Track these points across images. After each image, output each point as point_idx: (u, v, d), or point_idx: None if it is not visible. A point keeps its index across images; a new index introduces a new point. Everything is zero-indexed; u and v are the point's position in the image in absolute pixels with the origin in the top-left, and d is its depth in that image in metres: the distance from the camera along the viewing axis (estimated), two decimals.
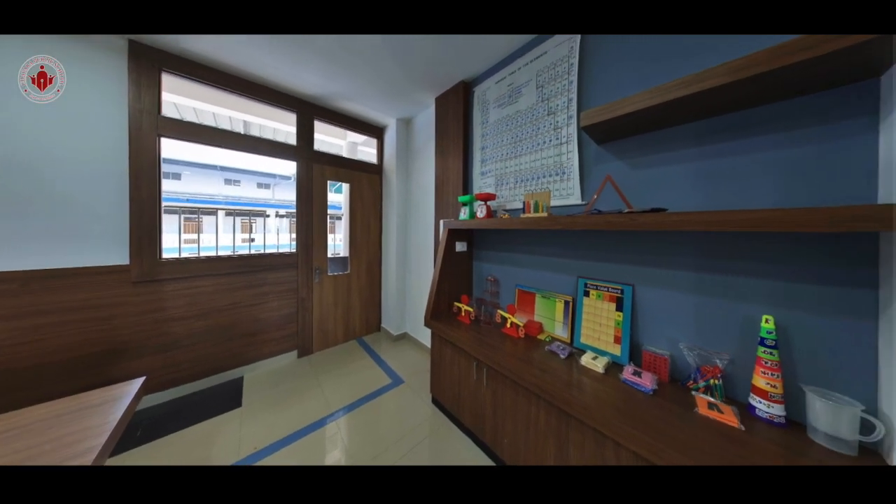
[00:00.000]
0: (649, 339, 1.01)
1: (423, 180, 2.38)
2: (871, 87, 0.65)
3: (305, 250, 2.25)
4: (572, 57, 1.25)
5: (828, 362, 0.69)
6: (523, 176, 1.49)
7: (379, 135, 2.75)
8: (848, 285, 0.67)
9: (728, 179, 0.85)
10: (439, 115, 2.04)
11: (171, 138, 1.68)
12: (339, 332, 2.54)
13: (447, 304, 1.69)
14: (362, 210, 2.65)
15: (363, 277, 2.69)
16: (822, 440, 0.64)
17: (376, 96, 2.10)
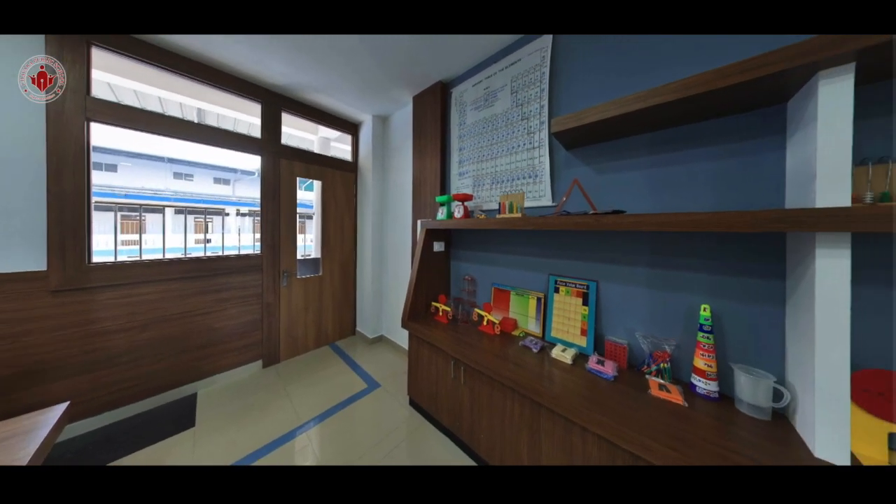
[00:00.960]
0: (611, 330, 1.10)
1: (400, 179, 2.35)
2: (780, 110, 0.78)
3: (272, 252, 2.10)
4: (544, 66, 1.32)
5: (750, 343, 0.82)
6: (499, 177, 1.55)
7: (354, 131, 2.67)
8: (764, 277, 0.80)
9: (675, 185, 0.96)
10: (417, 114, 2.04)
11: (103, 123, 1.47)
12: (310, 337, 2.40)
13: (425, 304, 1.69)
14: (336, 209, 2.54)
15: (336, 279, 2.58)
16: (746, 409, 0.76)
17: (351, 91, 2.03)
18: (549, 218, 1.02)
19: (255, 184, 13.70)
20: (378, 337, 2.62)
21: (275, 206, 2.10)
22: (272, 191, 2.09)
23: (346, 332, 2.71)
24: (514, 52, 1.45)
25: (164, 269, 1.64)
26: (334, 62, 1.67)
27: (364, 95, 2.10)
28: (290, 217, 2.20)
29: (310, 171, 2.35)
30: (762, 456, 0.63)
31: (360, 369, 2.13)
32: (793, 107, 0.75)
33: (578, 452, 0.85)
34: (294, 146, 2.31)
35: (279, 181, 2.13)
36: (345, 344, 2.58)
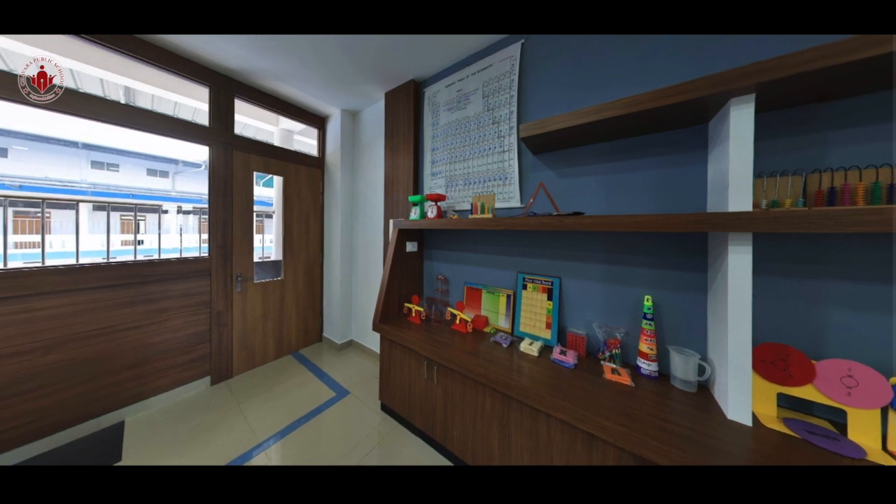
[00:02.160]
0: (572, 322, 1.20)
1: (371, 177, 2.30)
2: (703, 129, 0.93)
3: (222, 254, 1.90)
4: (513, 73, 1.40)
5: (682, 327, 0.96)
6: (471, 178, 1.60)
7: (320, 125, 2.54)
8: (691, 270, 0.94)
9: (624, 190, 1.08)
10: (389, 111, 2.01)
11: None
12: (270, 347, 2.21)
13: (397, 305, 1.67)
14: (299, 207, 2.39)
15: (300, 283, 2.41)
16: (678, 384, 0.89)
17: (317, 82, 1.92)
18: (518, 218, 1.09)
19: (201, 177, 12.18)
20: (347, 342, 2.50)
21: (226, 203, 1.91)
22: (223, 186, 1.89)
23: (311, 339, 2.54)
24: (485, 57, 1.52)
25: (78, 277, 1.38)
26: (299, 49, 1.58)
27: (332, 88, 2.00)
28: (245, 215, 2.01)
29: (269, 165, 2.17)
30: (689, 422, 0.74)
31: (327, 377, 2.02)
32: (712, 127, 0.90)
33: (544, 438, 0.91)
34: (250, 137, 2.11)
35: (232, 175, 1.93)
36: (310, 352, 2.42)
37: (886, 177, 0.69)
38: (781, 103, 0.78)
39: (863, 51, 0.59)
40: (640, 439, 0.70)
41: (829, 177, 0.74)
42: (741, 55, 0.85)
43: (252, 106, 2.13)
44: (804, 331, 0.77)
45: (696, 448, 0.66)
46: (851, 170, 0.72)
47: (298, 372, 2.09)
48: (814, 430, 0.69)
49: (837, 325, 0.74)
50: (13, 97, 1.25)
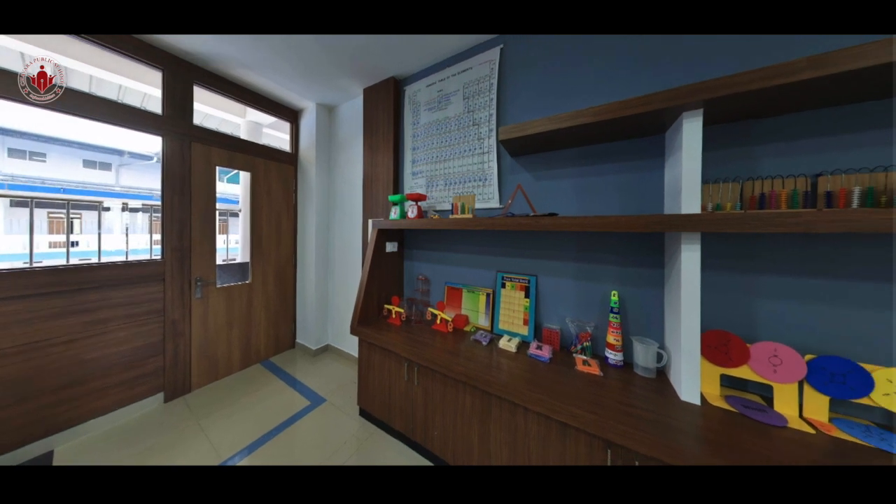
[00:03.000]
0: (547, 318, 1.27)
1: (349, 175, 2.24)
2: (661, 139, 1.04)
3: (179, 256, 1.74)
4: (492, 77, 1.45)
5: (643, 319, 1.06)
6: (452, 179, 1.62)
7: (293, 118, 2.43)
8: (651, 267, 1.04)
9: (594, 193, 1.17)
10: (368, 108, 1.98)
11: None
12: (236, 357, 2.07)
13: (377, 307, 1.64)
14: (270, 205, 2.26)
15: (271, 286, 2.29)
16: (640, 371, 0.98)
17: (289, 73, 1.84)
18: (497, 219, 1.13)
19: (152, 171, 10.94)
20: (323, 347, 2.41)
21: (184, 201, 1.76)
22: (180, 181, 1.74)
23: (283, 345, 2.41)
24: (465, 59, 1.55)
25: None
26: (269, 37, 1.50)
27: (306, 80, 1.93)
28: (206, 214, 1.86)
29: (234, 159, 2.04)
30: (649, 406, 0.82)
31: (301, 385, 1.93)
32: (668, 137, 1.00)
33: (521, 430, 0.95)
34: (212, 129, 1.96)
35: (190, 170, 1.78)
36: (282, 360, 2.30)
37: (803, 185, 0.81)
38: (724, 118, 0.89)
39: (786, 76, 0.70)
40: (607, 424, 0.76)
41: (759, 184, 0.86)
42: (693, 74, 0.96)
43: (215, 95, 1.97)
44: (741, 318, 0.89)
45: (655, 428, 0.73)
46: (777, 178, 0.85)
47: (269, 381, 1.97)
48: (748, 405, 0.79)
49: (766, 312, 0.87)
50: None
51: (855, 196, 0.74)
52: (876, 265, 0.76)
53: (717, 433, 0.71)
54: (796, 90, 0.73)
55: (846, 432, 0.69)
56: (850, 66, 0.64)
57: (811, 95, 0.75)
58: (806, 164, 0.83)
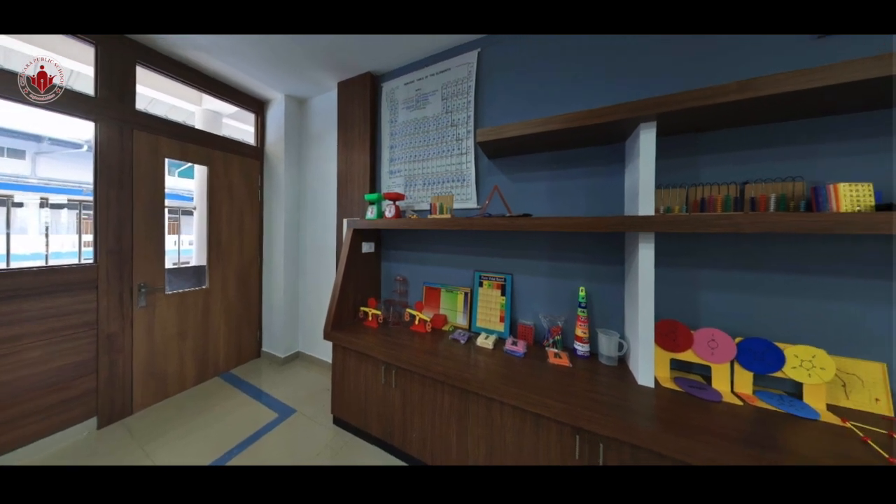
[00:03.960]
0: (522, 314, 1.35)
1: (322, 172, 2.17)
2: (622, 147, 1.15)
3: (117, 260, 1.55)
4: (470, 80, 1.50)
5: (606, 312, 1.17)
6: (431, 179, 1.64)
7: (259, 109, 2.30)
8: (613, 264, 1.16)
9: (564, 195, 1.27)
10: (343, 103, 1.94)
11: None
12: (189, 371, 1.91)
13: (352, 310, 1.61)
14: (231, 203, 2.12)
15: (232, 291, 2.14)
16: (604, 360, 1.08)
17: (255, 60, 1.74)
18: (475, 219, 1.18)
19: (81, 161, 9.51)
20: (293, 355, 2.30)
21: (123, 196, 1.57)
22: (117, 173, 1.55)
23: (246, 355, 2.26)
24: (443, 60, 1.59)
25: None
26: None
27: (274, 69, 1.83)
28: (152, 211, 1.70)
29: (188, 151, 1.88)
30: (611, 391, 0.90)
31: (267, 397, 1.83)
32: (628, 145, 1.11)
33: (498, 425, 1.00)
34: (160, 116, 1.78)
35: (131, 161, 1.61)
36: (246, 371, 2.15)
37: (734, 191, 0.96)
38: (673, 130, 1.02)
39: (720, 97, 0.82)
40: (576, 412, 0.83)
41: (701, 190, 1.00)
42: (649, 89, 1.08)
43: (162, 77, 1.79)
44: (686, 308, 1.03)
45: (616, 412, 0.81)
46: (714, 185, 0.98)
47: (230, 395, 1.84)
48: (692, 384, 0.92)
49: (706, 302, 1.01)
50: None
51: (772, 201, 0.89)
52: (788, 260, 0.92)
53: (668, 412, 0.81)
54: (727, 109, 0.86)
55: (765, 401, 0.83)
56: (770, 91, 0.77)
57: (740, 114, 0.89)
58: (736, 173, 0.98)
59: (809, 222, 0.72)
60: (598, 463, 0.82)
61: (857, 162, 0.85)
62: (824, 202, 0.79)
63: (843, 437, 0.71)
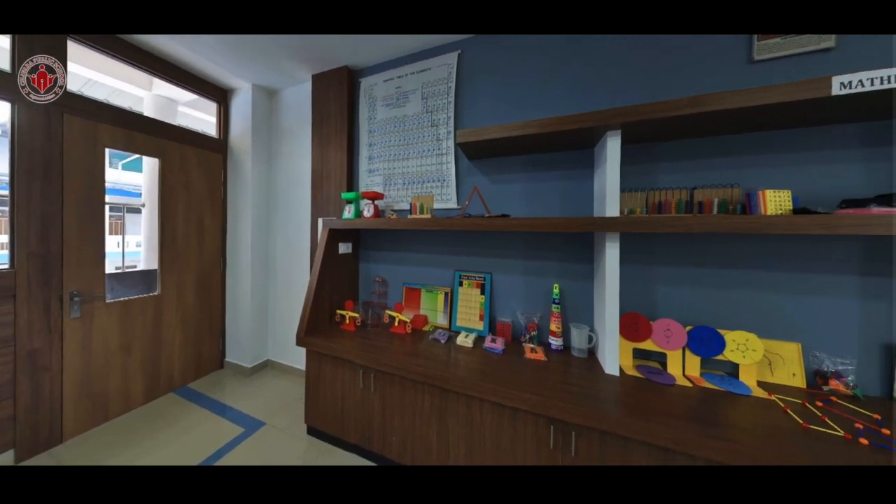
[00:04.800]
0: (500, 312, 1.42)
1: (295, 169, 2.10)
2: (592, 152, 1.25)
3: (41, 264, 1.36)
4: (450, 81, 1.54)
5: (578, 307, 1.27)
6: (411, 178, 1.65)
7: (221, 98, 2.16)
8: (584, 262, 1.26)
9: (540, 197, 1.35)
10: (318, 96, 1.89)
11: None
12: (137, 388, 1.75)
13: (328, 313, 1.58)
14: (189, 200, 1.97)
15: (190, 297, 2.00)
16: (576, 353, 1.18)
17: (216, 45, 1.64)
18: (455, 219, 1.21)
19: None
20: (262, 364, 2.19)
21: (50, 190, 1.38)
22: (42, 164, 1.36)
23: (207, 367, 2.11)
24: (423, 59, 1.61)
25: None
26: None
27: (240, 55, 1.73)
28: (88, 208, 1.52)
29: (134, 141, 1.72)
30: (582, 382, 0.98)
31: (232, 411, 1.72)
32: (597, 151, 1.21)
33: (477, 422, 1.04)
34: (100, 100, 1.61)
35: (61, 150, 1.42)
36: (206, 384, 2.01)
37: (685, 196, 1.08)
38: (636, 139, 1.13)
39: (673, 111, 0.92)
40: (550, 403, 0.89)
41: (659, 194, 1.12)
42: (616, 100, 1.19)
43: (103, 55, 1.60)
44: (647, 301, 1.15)
45: (586, 401, 0.89)
46: (669, 189, 1.11)
47: (187, 412, 1.71)
48: (651, 370, 1.03)
49: (662, 295, 1.14)
50: None
51: (715, 205, 1.02)
52: (728, 257, 1.06)
53: (631, 397, 0.90)
54: (680, 122, 0.97)
55: (710, 382, 0.96)
56: (715, 107, 0.89)
57: (691, 127, 1.01)
58: (687, 179, 1.11)
59: (744, 224, 0.84)
60: (571, 451, 0.89)
61: (780, 172, 1.01)
62: (755, 206, 0.92)
63: (769, 409, 0.84)
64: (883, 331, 0.91)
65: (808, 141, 0.98)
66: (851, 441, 0.70)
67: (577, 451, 0.89)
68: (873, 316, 0.92)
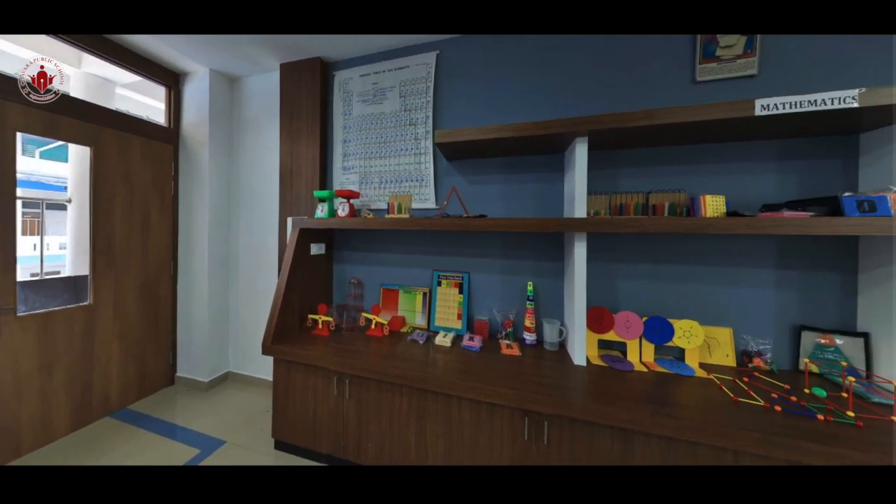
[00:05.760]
0: (478, 310, 1.49)
1: (260, 164, 2.00)
2: (562, 156, 1.35)
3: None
4: (429, 80, 1.56)
5: (551, 303, 1.38)
6: (388, 177, 1.65)
7: (173, 82, 1.99)
8: (556, 260, 1.37)
9: (515, 198, 1.43)
10: (287, 87, 1.81)
11: None
12: (61, 415, 1.55)
13: (298, 318, 1.52)
14: (130, 196, 1.80)
15: (131, 307, 1.82)
16: (548, 346, 1.28)
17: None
18: (433, 219, 1.25)
19: None
20: (221, 377, 2.05)
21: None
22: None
23: (153, 385, 1.94)
24: (401, 57, 1.63)
25: None
26: None
27: (196, 39, 1.59)
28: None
29: (58, 126, 1.52)
30: (554, 374, 1.07)
31: (185, 432, 1.60)
32: (567, 156, 1.32)
33: (456, 420, 1.08)
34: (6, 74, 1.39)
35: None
36: (152, 404, 1.85)
37: (642, 199, 1.22)
38: (601, 146, 1.24)
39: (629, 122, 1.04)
40: (524, 396, 0.96)
41: (620, 197, 1.24)
42: (585, 109, 1.31)
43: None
44: (610, 295, 1.28)
45: (557, 391, 0.97)
46: (628, 193, 1.24)
47: (128, 438, 1.56)
48: (613, 359, 1.15)
49: (623, 289, 1.28)
50: None
51: (666, 208, 1.16)
52: (677, 254, 1.22)
53: (596, 385, 1.00)
54: (638, 132, 1.09)
55: (661, 366, 1.10)
56: (664, 120, 1.01)
57: (646, 137, 1.14)
58: (644, 184, 1.26)
59: (689, 224, 0.98)
60: (544, 440, 0.96)
61: (717, 179, 1.19)
62: (697, 209, 1.07)
63: (708, 387, 0.99)
64: (792, 315, 1.12)
65: (738, 153, 1.17)
66: (769, 409, 0.85)
67: (549, 439, 0.96)
68: (785, 303, 1.12)
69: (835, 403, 0.85)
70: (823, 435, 0.75)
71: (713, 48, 1.18)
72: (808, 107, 0.90)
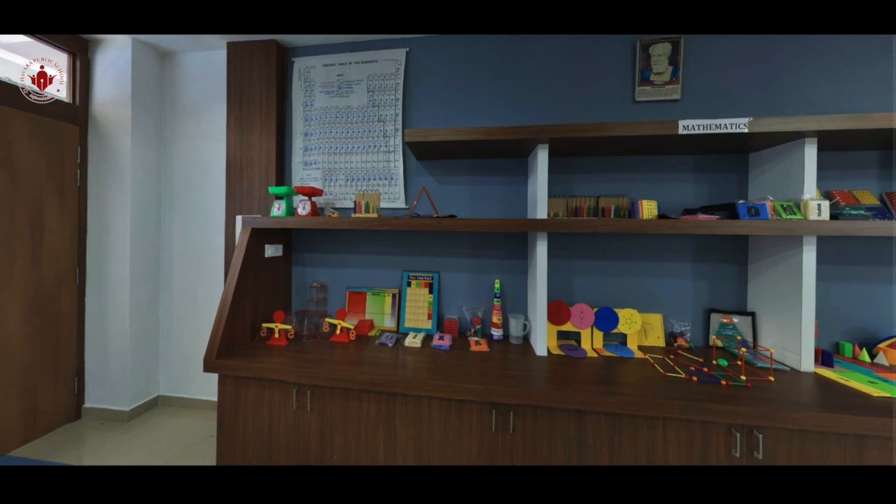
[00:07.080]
0: (448, 310, 1.57)
1: (201, 155, 1.83)
2: (526, 161, 1.47)
3: None
4: (398, 77, 1.57)
5: (516, 299, 1.52)
6: (355, 175, 1.62)
7: (79, 49, 1.70)
8: (520, 258, 1.51)
9: (483, 199, 1.55)
10: (236, 70, 1.69)
11: None
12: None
13: (250, 328, 1.42)
14: (11, 187, 1.53)
15: (13, 327, 1.54)
16: (514, 340, 1.41)
17: None
18: (403, 219, 1.28)
19: None
20: (149, 402, 1.82)
21: None
22: None
23: (49, 422, 1.67)
24: (368, 50, 1.61)
25: None
26: None
27: None
28: None
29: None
30: (519, 365, 1.18)
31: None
32: (530, 161, 1.45)
33: (426, 419, 1.12)
34: None
35: None
36: (48, 445, 1.59)
37: (593, 203, 1.39)
38: (560, 153, 1.40)
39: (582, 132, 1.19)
40: (492, 389, 1.04)
41: (575, 200, 1.41)
42: (545, 118, 1.46)
43: None
44: (567, 290, 1.47)
45: (521, 382, 1.06)
46: (582, 197, 1.41)
47: None
48: (570, 348, 1.32)
49: (577, 284, 1.47)
50: None
51: (612, 211, 1.34)
52: (621, 251, 1.43)
53: (556, 372, 1.13)
54: (590, 142, 1.25)
55: (609, 351, 1.30)
56: (610, 133, 1.18)
57: (596, 146, 1.31)
58: (595, 189, 1.45)
59: (630, 225, 1.16)
60: (510, 429, 1.04)
61: (651, 186, 1.43)
62: (637, 212, 1.26)
63: (644, 366, 1.18)
64: (704, 300, 1.41)
65: (666, 165, 1.42)
66: (689, 380, 1.05)
67: (514, 428, 1.05)
68: (699, 290, 1.41)
69: (732, 370, 1.09)
70: (724, 397, 0.96)
71: (648, 73, 1.41)
72: (714, 129, 1.13)
